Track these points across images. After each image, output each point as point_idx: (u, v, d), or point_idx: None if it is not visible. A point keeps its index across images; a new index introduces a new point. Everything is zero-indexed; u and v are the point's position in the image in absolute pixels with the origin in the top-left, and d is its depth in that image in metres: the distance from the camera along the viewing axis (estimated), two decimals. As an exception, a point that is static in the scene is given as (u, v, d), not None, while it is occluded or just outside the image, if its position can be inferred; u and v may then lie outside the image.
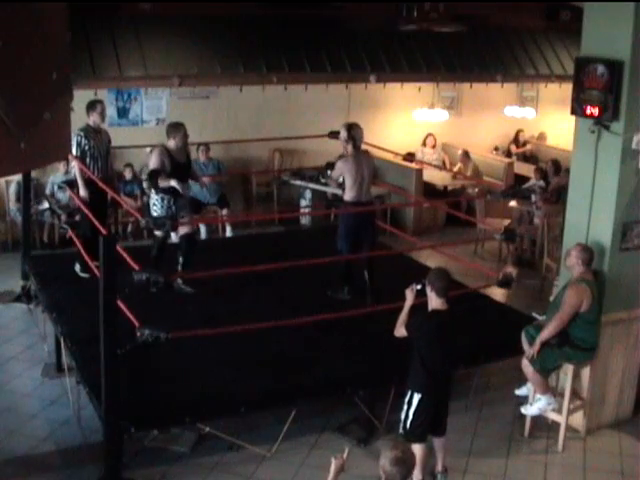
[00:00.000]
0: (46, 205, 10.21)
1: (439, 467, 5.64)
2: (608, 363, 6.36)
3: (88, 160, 7.83)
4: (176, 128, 7.37)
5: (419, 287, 5.45)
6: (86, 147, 7.79)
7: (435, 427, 5.48)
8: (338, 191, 8.16)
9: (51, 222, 10.39)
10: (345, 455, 3.86)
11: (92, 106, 7.96)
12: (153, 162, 7.25)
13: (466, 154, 12.55)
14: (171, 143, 7.33)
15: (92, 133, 7.87)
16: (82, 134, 7.80)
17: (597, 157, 6.05)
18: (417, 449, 5.42)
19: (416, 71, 12.27)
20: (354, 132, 7.39)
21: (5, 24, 2.68)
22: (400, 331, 5.43)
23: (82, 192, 7.83)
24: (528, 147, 14.00)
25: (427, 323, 5.34)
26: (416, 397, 5.31)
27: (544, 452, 6.18)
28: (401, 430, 5.46)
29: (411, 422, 5.34)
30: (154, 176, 7.15)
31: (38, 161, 3.25)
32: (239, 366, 6.14)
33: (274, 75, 11.23)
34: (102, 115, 7.97)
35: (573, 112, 6.16)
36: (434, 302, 5.31)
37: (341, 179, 7.61)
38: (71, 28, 3.31)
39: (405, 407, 5.38)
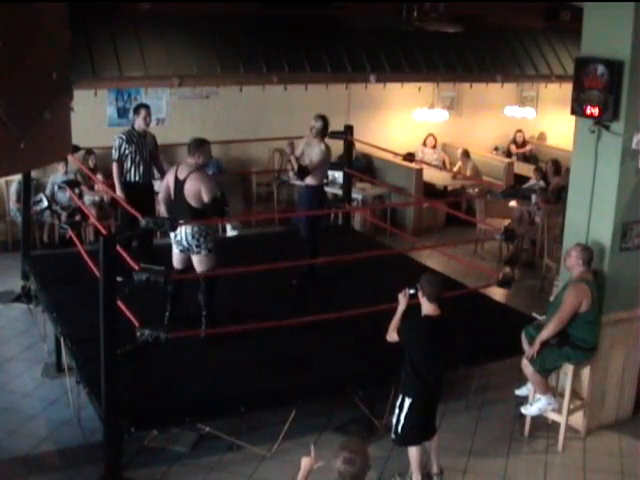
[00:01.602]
0: (45, 204, 10.21)
1: (434, 469, 5.63)
2: (608, 363, 6.36)
3: (129, 164, 7.77)
4: (201, 146, 6.54)
5: (412, 292, 5.41)
6: (126, 151, 7.74)
7: (426, 431, 5.48)
8: (302, 183, 8.18)
9: (51, 222, 10.40)
10: (312, 454, 3.86)
11: (136, 110, 7.95)
12: (212, 188, 6.44)
13: (466, 153, 12.55)
14: (199, 160, 6.53)
15: (135, 137, 7.80)
16: (124, 137, 7.77)
17: (597, 157, 6.05)
18: (413, 452, 5.43)
19: (416, 71, 12.26)
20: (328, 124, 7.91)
21: (5, 24, 2.68)
22: (392, 336, 5.41)
23: (118, 193, 7.76)
24: (528, 147, 13.98)
25: (418, 329, 5.31)
26: (407, 401, 5.30)
27: (544, 452, 6.18)
28: (393, 435, 5.46)
29: (402, 426, 5.34)
30: (220, 205, 6.64)
31: (38, 161, 3.25)
32: (239, 366, 6.14)
33: (274, 75, 11.23)
34: (146, 120, 7.83)
35: (573, 112, 6.16)
36: (426, 308, 5.27)
37: (308, 161, 7.85)
38: (71, 28, 3.30)
39: (397, 411, 5.38)
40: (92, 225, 10.02)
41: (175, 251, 6.70)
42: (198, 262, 6.57)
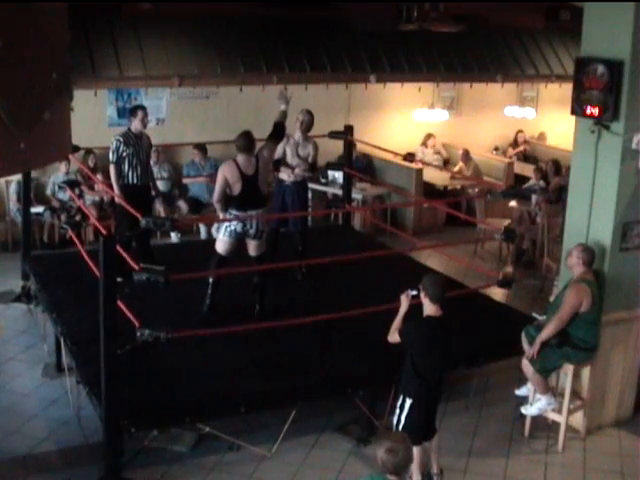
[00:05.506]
0: (41, 209, 10.24)
1: (434, 469, 5.62)
2: (608, 363, 6.36)
3: (126, 166, 7.72)
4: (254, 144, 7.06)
5: (414, 293, 5.39)
6: (124, 154, 7.68)
7: (426, 431, 5.48)
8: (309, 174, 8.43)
9: (51, 222, 10.40)
10: None
11: (133, 112, 7.90)
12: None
13: (466, 153, 12.54)
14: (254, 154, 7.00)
15: (132, 139, 7.74)
16: (121, 140, 7.71)
17: (597, 157, 6.05)
18: (413, 452, 5.42)
19: (416, 71, 12.26)
20: None
21: (5, 24, 2.68)
22: (394, 337, 5.40)
23: (117, 196, 7.74)
24: (522, 147, 13.91)
25: (420, 330, 5.30)
26: (408, 402, 5.29)
27: (544, 452, 6.18)
28: None
29: (403, 427, 5.33)
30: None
31: (38, 161, 3.25)
32: (239, 366, 6.14)
33: (274, 75, 11.23)
34: (143, 122, 7.78)
35: (573, 112, 6.16)
36: (428, 308, 5.25)
37: (310, 159, 8.25)
38: (71, 28, 3.30)
39: (397, 412, 5.37)
40: (92, 225, 10.02)
41: (228, 240, 6.85)
42: (258, 246, 6.99)
